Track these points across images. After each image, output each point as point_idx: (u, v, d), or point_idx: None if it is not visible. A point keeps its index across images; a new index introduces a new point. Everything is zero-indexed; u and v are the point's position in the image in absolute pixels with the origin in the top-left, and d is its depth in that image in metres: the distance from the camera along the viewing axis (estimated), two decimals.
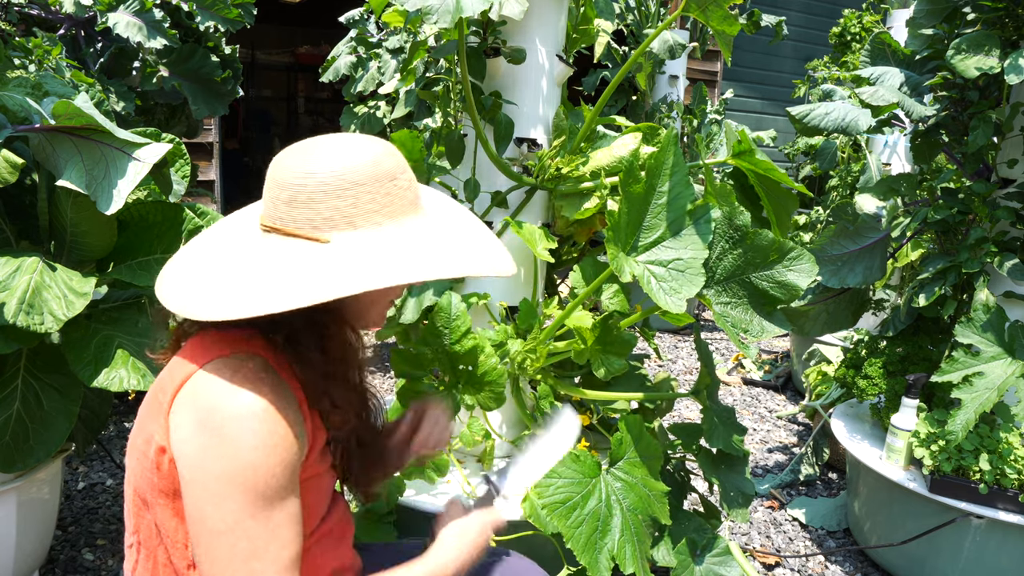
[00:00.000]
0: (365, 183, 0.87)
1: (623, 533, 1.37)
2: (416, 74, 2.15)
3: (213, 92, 2.71)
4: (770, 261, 1.45)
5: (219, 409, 0.83)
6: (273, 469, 0.82)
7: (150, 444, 0.87)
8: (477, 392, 1.54)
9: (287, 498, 0.85)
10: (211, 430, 0.82)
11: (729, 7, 1.48)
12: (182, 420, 0.84)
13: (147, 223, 1.65)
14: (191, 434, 0.83)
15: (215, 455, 0.81)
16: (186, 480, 0.83)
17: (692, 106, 4.55)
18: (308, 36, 8.93)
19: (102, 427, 1.85)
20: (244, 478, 0.81)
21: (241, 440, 0.81)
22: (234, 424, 0.82)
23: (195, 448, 0.82)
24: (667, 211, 1.37)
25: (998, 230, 2.03)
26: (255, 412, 0.83)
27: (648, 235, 1.38)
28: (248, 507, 0.81)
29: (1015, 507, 1.85)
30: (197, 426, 0.83)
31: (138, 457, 0.90)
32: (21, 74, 1.60)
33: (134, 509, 0.92)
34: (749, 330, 1.45)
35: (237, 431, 0.82)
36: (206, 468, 0.81)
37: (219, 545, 0.81)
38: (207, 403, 0.84)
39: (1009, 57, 1.74)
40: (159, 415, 0.87)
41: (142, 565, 0.92)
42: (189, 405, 0.85)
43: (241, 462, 0.81)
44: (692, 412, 3.40)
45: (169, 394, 0.87)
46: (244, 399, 0.83)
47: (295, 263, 0.85)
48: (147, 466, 0.88)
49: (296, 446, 0.86)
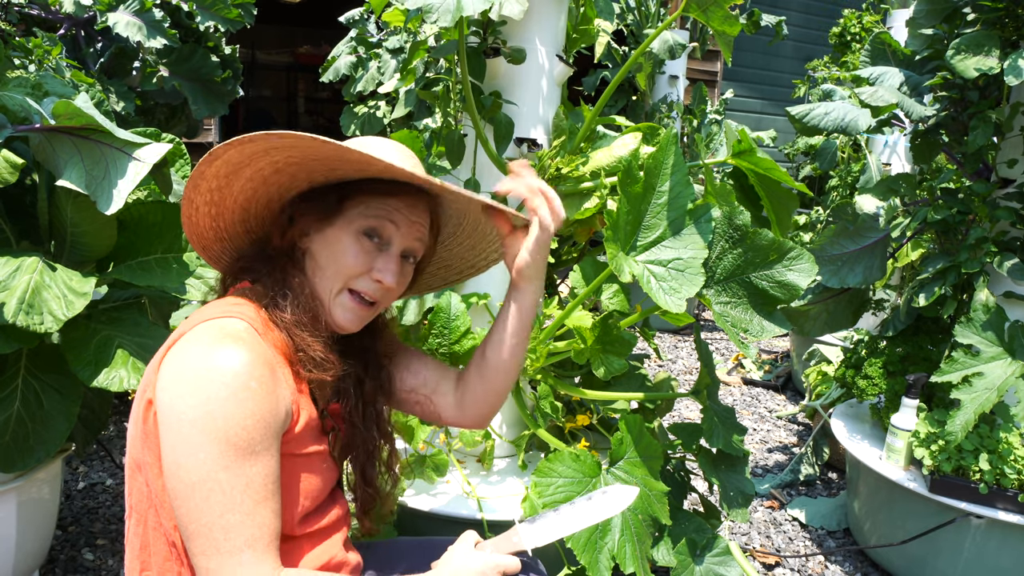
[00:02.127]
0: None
1: (623, 533, 1.36)
2: (416, 74, 2.15)
3: (213, 92, 2.72)
4: (770, 261, 1.45)
5: (198, 361, 0.87)
6: (244, 421, 0.85)
7: (142, 399, 0.91)
8: None
9: (261, 455, 0.87)
10: (187, 379, 0.86)
11: (729, 7, 1.48)
12: (166, 372, 0.88)
13: (147, 223, 1.65)
14: (170, 384, 0.87)
15: (189, 404, 0.84)
16: (164, 429, 0.86)
17: (692, 106, 4.55)
18: (308, 36, 8.94)
19: (102, 427, 1.85)
20: (215, 427, 0.84)
21: (213, 389, 0.85)
22: (209, 374, 0.85)
23: (172, 397, 0.86)
24: (667, 211, 1.37)
25: (998, 230, 2.03)
26: (231, 365, 0.86)
27: (648, 235, 1.38)
28: (220, 457, 0.84)
29: (1015, 507, 1.85)
30: (176, 376, 0.87)
31: (134, 419, 0.93)
32: (21, 74, 1.60)
33: (129, 473, 0.94)
34: (749, 330, 1.45)
35: (210, 380, 0.85)
36: (180, 416, 0.84)
37: (193, 496, 0.84)
38: (188, 356, 0.88)
39: (1009, 58, 1.74)
40: (152, 370, 0.92)
41: (133, 531, 0.94)
42: (174, 359, 0.89)
43: (212, 411, 0.84)
44: (692, 412, 3.40)
45: (163, 350, 0.92)
46: (222, 353, 0.87)
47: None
48: (139, 424, 0.91)
49: (271, 404, 0.89)
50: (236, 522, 0.84)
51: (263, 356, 0.90)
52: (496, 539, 1.07)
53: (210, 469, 0.83)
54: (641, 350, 4.30)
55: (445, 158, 1.82)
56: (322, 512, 1.03)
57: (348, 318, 1.02)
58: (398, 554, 1.24)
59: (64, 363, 1.51)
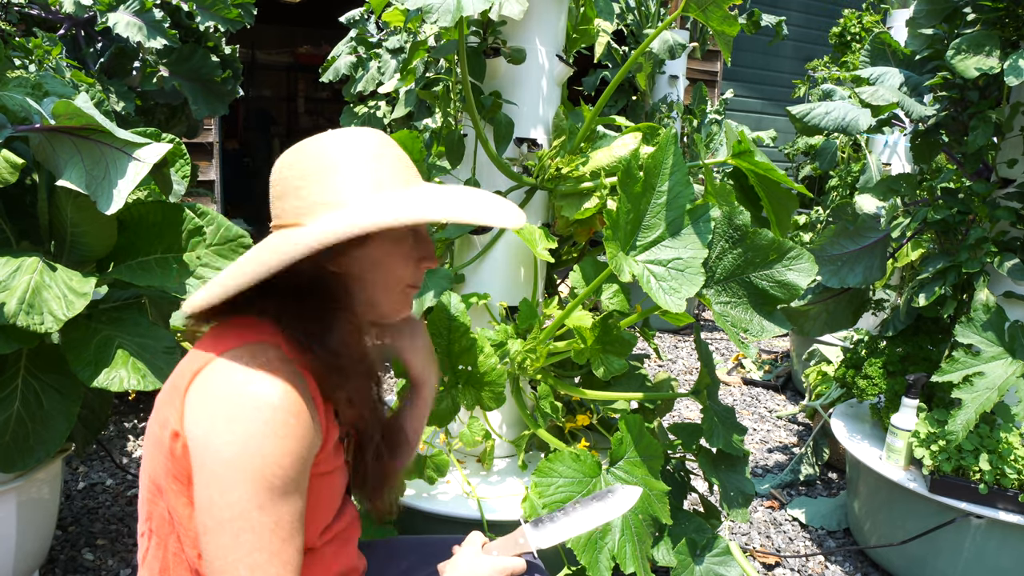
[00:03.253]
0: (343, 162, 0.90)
1: (623, 533, 1.37)
2: (416, 74, 2.15)
3: (213, 92, 2.71)
4: (770, 260, 1.45)
5: (232, 396, 0.83)
6: (282, 460, 0.82)
7: (165, 429, 0.87)
8: (477, 391, 1.54)
9: (294, 494, 0.85)
10: (223, 416, 0.82)
11: (729, 7, 1.48)
12: (196, 405, 0.85)
13: (147, 223, 1.64)
14: (204, 419, 0.83)
15: (226, 441, 0.81)
16: (197, 465, 0.83)
17: (692, 106, 4.55)
18: (308, 36, 8.93)
19: (102, 427, 1.85)
20: (253, 467, 0.81)
21: (252, 428, 0.81)
22: (246, 412, 0.82)
23: (207, 433, 0.82)
24: (666, 211, 1.38)
25: (998, 230, 2.03)
26: (268, 401, 0.83)
27: (647, 234, 1.38)
28: (255, 497, 0.81)
29: (1015, 507, 1.85)
30: (210, 411, 0.83)
31: (154, 443, 0.90)
32: (21, 74, 1.60)
33: (148, 496, 0.91)
34: (749, 329, 1.45)
35: (249, 418, 0.82)
36: (216, 454, 0.81)
37: (223, 533, 0.81)
38: (221, 389, 0.84)
39: (1009, 58, 1.74)
40: (175, 399, 0.88)
41: (152, 553, 0.92)
42: (204, 391, 0.85)
43: (251, 450, 0.81)
44: (692, 412, 3.40)
45: (187, 379, 0.88)
46: (258, 387, 0.83)
47: (262, 246, 0.90)
48: (162, 451, 0.88)
49: (308, 439, 0.86)
50: (263, 561, 0.82)
51: (297, 386, 0.87)
52: (502, 540, 1.08)
53: (244, 508, 0.81)
54: (641, 350, 4.30)
55: (445, 158, 1.82)
56: (339, 518, 1.03)
57: (406, 310, 1.04)
58: (399, 552, 1.24)
59: (64, 363, 1.51)
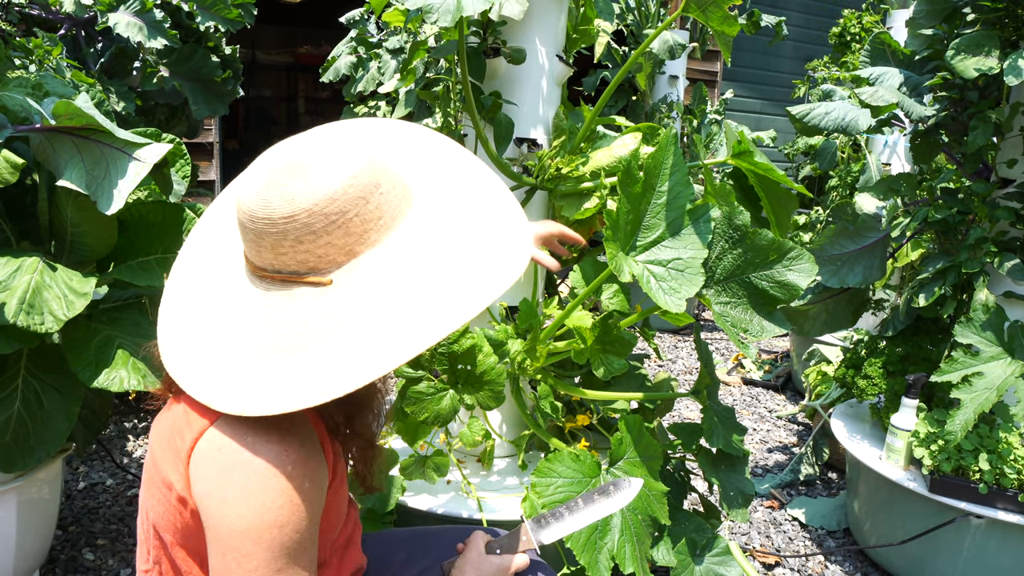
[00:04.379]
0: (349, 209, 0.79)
1: (623, 533, 1.37)
2: (416, 74, 2.15)
3: (213, 92, 2.72)
4: (770, 261, 1.45)
5: (243, 465, 0.79)
6: (299, 524, 0.80)
7: (171, 491, 0.84)
8: (476, 391, 1.54)
9: (310, 549, 0.83)
10: (236, 487, 0.78)
11: (729, 7, 1.48)
12: (204, 473, 0.81)
13: (147, 223, 1.65)
14: (214, 489, 0.79)
15: (240, 514, 0.78)
16: (211, 534, 0.80)
17: (692, 106, 4.56)
18: (308, 36, 8.94)
19: (102, 427, 1.85)
20: (271, 536, 0.78)
21: (268, 498, 0.78)
22: (260, 481, 0.78)
23: (219, 503, 0.79)
24: (666, 211, 1.38)
25: (998, 230, 2.03)
26: (282, 467, 0.79)
27: (647, 235, 1.38)
28: (273, 562, 0.79)
29: (1015, 507, 1.85)
30: (220, 481, 0.79)
31: (158, 497, 0.86)
32: (21, 74, 1.60)
33: (154, 542, 0.88)
34: (749, 330, 1.45)
35: (264, 488, 0.78)
36: (231, 525, 0.78)
37: None
38: (230, 457, 0.79)
39: (1008, 58, 1.74)
40: (177, 462, 0.83)
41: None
42: (211, 458, 0.81)
43: (267, 520, 0.78)
44: (692, 412, 3.40)
45: (188, 442, 0.83)
46: (269, 454, 0.79)
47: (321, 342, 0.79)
48: (169, 510, 0.85)
49: (322, 495, 0.84)
50: None
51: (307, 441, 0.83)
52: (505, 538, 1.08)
53: (264, 573, 0.78)
54: (641, 350, 4.30)
55: None
56: (344, 523, 1.02)
57: None
58: (395, 544, 1.24)
59: (64, 363, 1.51)
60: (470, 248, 0.85)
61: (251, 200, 0.80)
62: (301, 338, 0.79)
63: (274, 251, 0.80)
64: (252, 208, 0.80)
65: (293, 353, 0.79)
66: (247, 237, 0.82)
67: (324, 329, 0.79)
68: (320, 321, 0.79)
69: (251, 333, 0.81)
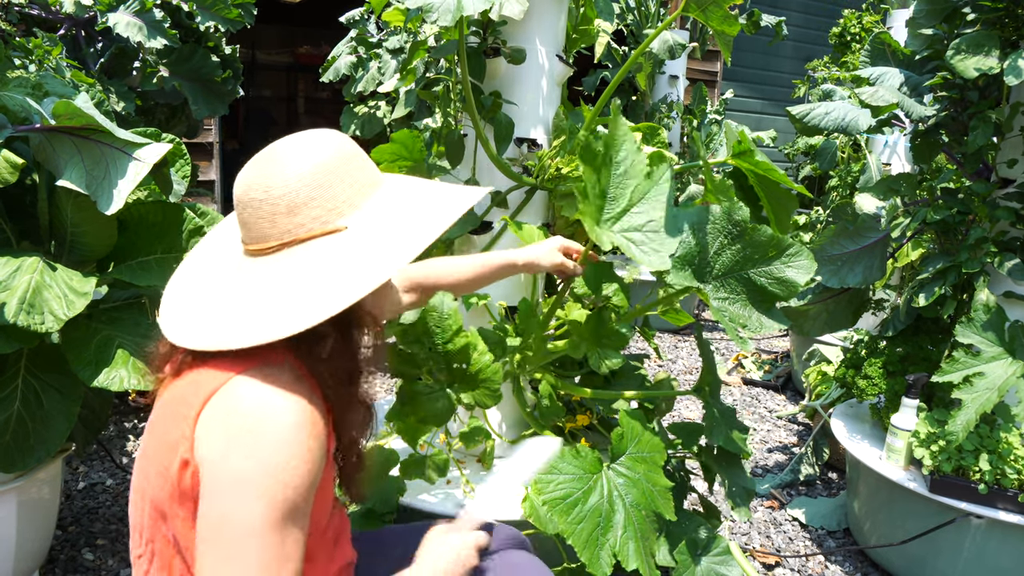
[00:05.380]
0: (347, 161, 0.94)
1: (626, 529, 1.36)
2: (416, 74, 2.15)
3: (213, 92, 2.72)
4: (769, 257, 1.45)
5: (256, 421, 0.82)
6: (300, 484, 0.82)
7: (173, 456, 0.85)
8: (472, 390, 1.53)
9: (303, 517, 0.85)
10: (245, 436, 0.81)
11: (729, 7, 1.48)
12: (212, 428, 0.83)
13: (147, 223, 1.65)
14: (221, 440, 0.82)
15: (243, 465, 0.80)
16: (213, 486, 0.82)
17: (692, 106, 4.56)
18: (308, 36, 8.93)
19: (102, 427, 1.85)
20: (275, 491, 0.80)
21: (277, 453, 0.81)
22: (268, 433, 0.81)
23: (224, 453, 0.81)
24: (625, 179, 1.43)
25: (998, 230, 2.03)
26: (292, 425, 0.82)
27: (615, 205, 1.43)
28: (270, 518, 0.80)
29: (1015, 507, 1.85)
30: (229, 433, 0.82)
31: (157, 471, 0.87)
32: (21, 74, 1.60)
33: (149, 521, 0.89)
34: (747, 325, 1.45)
35: (271, 440, 0.81)
36: (235, 473, 0.80)
37: (227, 548, 0.80)
38: (243, 414, 0.83)
39: (1008, 58, 1.74)
40: (183, 427, 0.85)
41: (155, 574, 0.91)
42: (221, 413, 0.84)
43: (271, 471, 0.80)
44: (692, 412, 3.40)
45: (195, 407, 0.85)
46: (281, 412, 0.83)
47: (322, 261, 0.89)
48: (167, 479, 0.86)
49: (321, 462, 0.86)
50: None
51: (315, 407, 0.86)
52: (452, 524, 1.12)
53: (256, 527, 0.80)
54: (641, 350, 4.30)
55: (445, 158, 1.82)
56: (332, 518, 1.03)
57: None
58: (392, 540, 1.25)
59: (64, 363, 1.51)
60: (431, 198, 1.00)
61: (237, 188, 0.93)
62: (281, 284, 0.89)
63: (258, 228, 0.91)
64: (237, 194, 0.93)
65: (274, 293, 0.88)
66: (239, 220, 0.94)
67: (306, 270, 0.89)
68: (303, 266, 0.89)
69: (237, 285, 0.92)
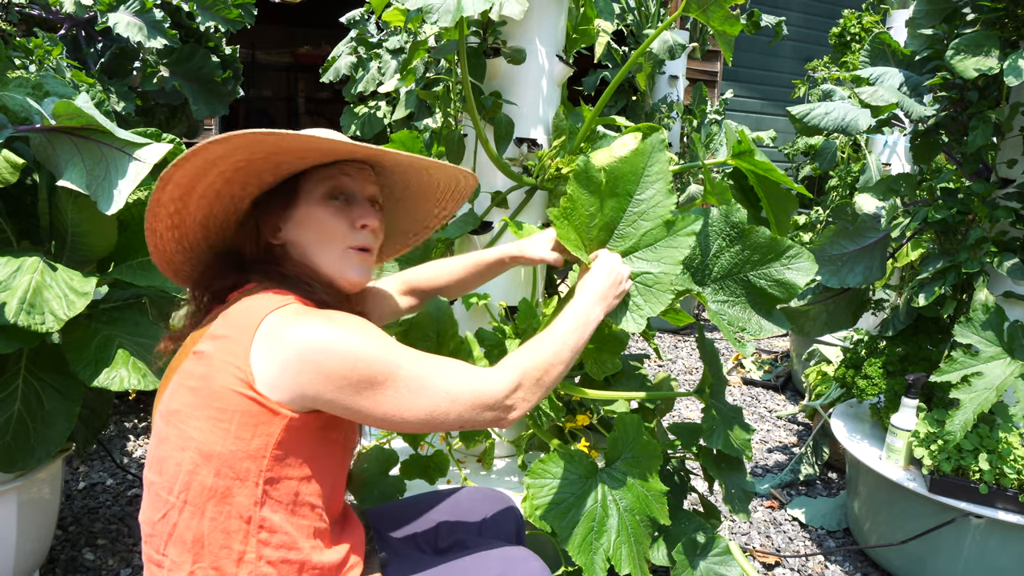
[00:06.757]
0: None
1: (619, 534, 1.36)
2: (416, 74, 2.15)
3: (213, 92, 2.72)
4: (768, 259, 1.43)
5: (307, 312, 0.94)
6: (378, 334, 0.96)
7: (233, 382, 0.91)
8: None
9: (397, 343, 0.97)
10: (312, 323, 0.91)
11: (730, 7, 1.48)
12: (273, 339, 0.90)
13: None
14: (294, 338, 0.90)
15: (324, 332, 0.90)
16: (311, 372, 0.89)
17: (692, 106, 4.56)
18: (308, 36, 8.93)
19: (102, 427, 1.85)
20: (356, 334, 0.92)
21: (336, 321, 0.93)
22: (322, 317, 0.93)
23: (303, 340, 0.89)
24: (641, 220, 1.28)
25: (998, 230, 2.03)
26: (344, 315, 0.96)
27: (620, 243, 1.29)
28: (369, 340, 0.92)
29: (1015, 507, 1.85)
30: (296, 331, 0.90)
31: (209, 416, 0.92)
32: (22, 74, 1.60)
33: (188, 467, 0.92)
34: (747, 328, 1.44)
35: (329, 317, 0.93)
36: (326, 343, 0.89)
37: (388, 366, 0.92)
38: (295, 313, 0.93)
39: (1008, 58, 1.74)
40: (239, 359, 0.91)
41: (184, 524, 0.92)
42: (278, 326, 0.91)
43: (345, 330, 0.92)
44: (692, 412, 3.40)
45: (247, 338, 0.91)
46: (330, 311, 0.97)
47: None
48: (224, 411, 0.91)
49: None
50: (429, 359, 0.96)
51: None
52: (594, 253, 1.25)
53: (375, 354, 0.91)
54: (641, 350, 4.31)
55: (445, 158, 1.83)
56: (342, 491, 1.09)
57: (360, 271, 1.09)
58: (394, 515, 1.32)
59: (65, 363, 1.52)
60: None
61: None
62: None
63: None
64: None
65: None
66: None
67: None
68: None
69: None
